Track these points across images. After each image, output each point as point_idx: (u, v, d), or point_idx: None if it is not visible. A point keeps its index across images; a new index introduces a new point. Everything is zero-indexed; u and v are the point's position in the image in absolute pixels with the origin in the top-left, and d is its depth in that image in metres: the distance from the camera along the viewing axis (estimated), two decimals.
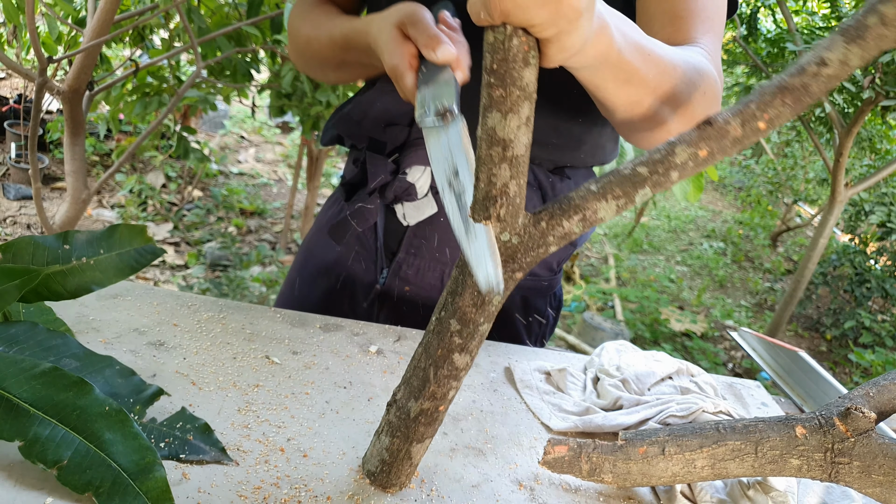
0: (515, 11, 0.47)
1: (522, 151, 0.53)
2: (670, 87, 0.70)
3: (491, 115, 0.51)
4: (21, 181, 4.30)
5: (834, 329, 5.09)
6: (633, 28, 0.66)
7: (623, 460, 0.67)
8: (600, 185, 0.55)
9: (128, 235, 0.70)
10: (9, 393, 0.54)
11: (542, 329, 1.12)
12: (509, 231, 0.56)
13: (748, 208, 8.45)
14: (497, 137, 0.52)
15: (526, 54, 0.50)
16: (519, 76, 0.50)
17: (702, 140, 0.53)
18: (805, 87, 0.51)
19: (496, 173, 0.53)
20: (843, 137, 3.48)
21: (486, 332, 0.61)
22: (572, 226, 0.56)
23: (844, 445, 0.63)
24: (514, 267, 0.57)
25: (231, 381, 0.77)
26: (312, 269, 1.12)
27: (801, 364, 1.06)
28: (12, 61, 1.74)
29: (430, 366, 0.61)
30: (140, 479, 0.52)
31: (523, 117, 0.51)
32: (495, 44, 0.49)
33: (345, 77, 0.98)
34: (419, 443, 0.64)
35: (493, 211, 0.55)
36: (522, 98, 0.51)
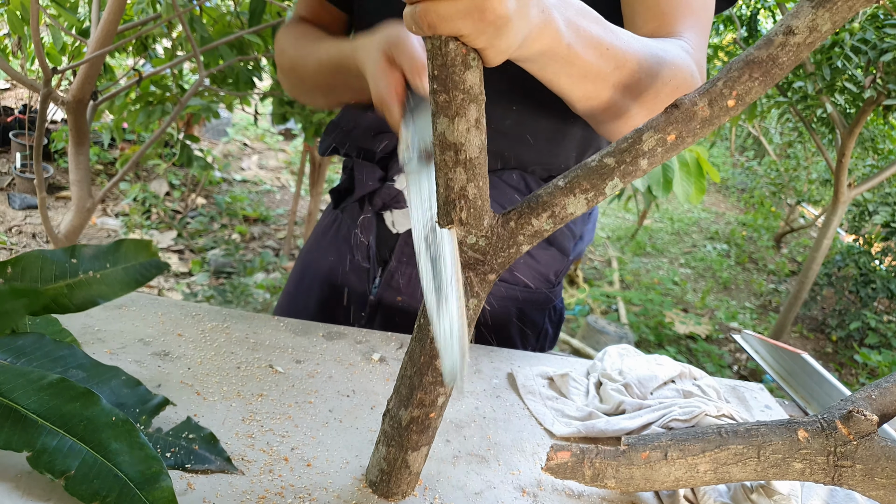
0: (440, 24, 0.48)
1: (476, 154, 0.53)
2: (629, 78, 0.70)
3: (439, 120, 0.51)
4: (26, 190, 4.32)
5: (839, 330, 5.08)
6: (591, 20, 0.66)
7: (626, 465, 0.67)
8: (567, 180, 0.55)
9: (133, 250, 0.71)
10: (17, 404, 0.54)
11: (540, 342, 1.11)
12: (475, 233, 0.56)
13: (751, 210, 8.44)
14: (448, 142, 0.52)
15: (465, 57, 0.49)
16: (461, 80, 0.50)
17: (669, 124, 0.53)
18: (773, 59, 0.50)
19: (452, 177, 0.53)
20: (846, 138, 3.48)
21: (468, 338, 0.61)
22: (542, 223, 0.56)
23: (847, 449, 0.63)
24: (486, 269, 0.57)
25: (235, 391, 0.77)
26: (309, 279, 1.12)
27: (804, 366, 1.06)
28: (17, 72, 1.76)
29: (416, 373, 0.61)
30: (147, 488, 0.53)
31: (471, 120, 0.51)
32: (433, 50, 0.49)
33: (333, 102, 0.98)
34: (414, 451, 0.64)
35: (454, 215, 0.55)
36: (468, 101, 0.50)
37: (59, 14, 2.37)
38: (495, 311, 1.04)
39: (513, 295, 1.03)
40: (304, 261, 1.15)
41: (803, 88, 3.32)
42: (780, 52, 0.50)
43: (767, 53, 0.50)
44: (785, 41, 0.50)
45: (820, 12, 0.48)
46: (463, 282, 0.57)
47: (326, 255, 1.08)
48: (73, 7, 2.38)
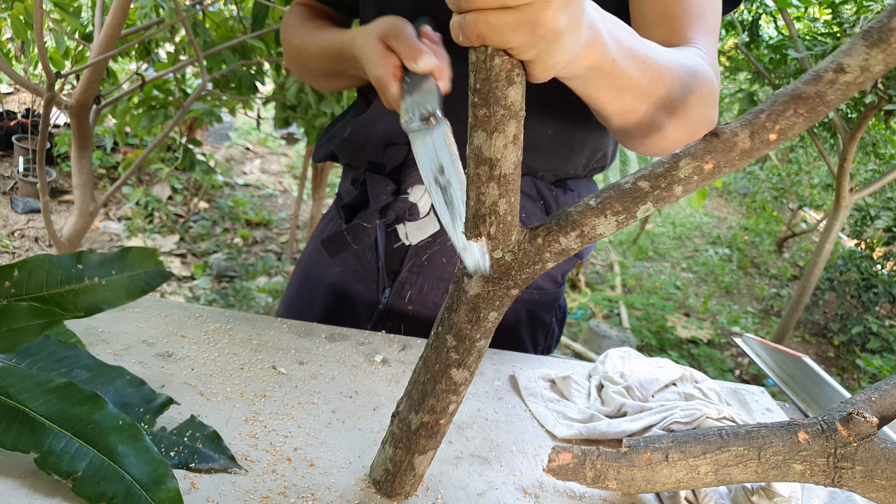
0: (491, 34, 0.47)
1: (511, 170, 0.52)
2: (665, 92, 0.70)
3: (476, 134, 0.51)
4: (29, 194, 4.33)
5: (841, 335, 5.07)
6: (628, 33, 0.65)
7: (627, 467, 0.68)
8: (599, 200, 0.54)
9: (139, 258, 0.72)
10: (25, 406, 0.55)
11: (548, 342, 1.12)
12: (502, 248, 0.55)
13: (753, 214, 8.44)
14: (483, 157, 0.51)
15: (509, 73, 0.49)
16: (503, 95, 0.49)
17: (707, 153, 0.52)
18: (820, 96, 0.48)
19: (484, 192, 0.53)
20: (847, 142, 3.48)
21: (483, 348, 0.60)
22: (570, 242, 0.55)
23: (847, 450, 0.64)
24: (509, 284, 0.57)
25: (238, 392, 0.78)
26: (311, 288, 1.11)
27: (805, 370, 1.06)
28: (21, 76, 1.76)
29: (429, 380, 0.61)
30: (153, 490, 0.53)
31: (510, 136, 0.50)
32: (477, 63, 0.49)
33: (336, 86, 1.00)
34: (421, 454, 0.64)
35: (483, 229, 0.54)
36: (507, 117, 0.50)
37: (62, 18, 2.38)
38: (508, 313, 1.04)
39: (525, 297, 1.04)
40: (305, 268, 1.14)
41: None
42: (829, 89, 0.48)
43: (815, 90, 0.49)
44: (835, 79, 0.48)
45: (874, 52, 0.47)
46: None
47: (331, 265, 1.08)
48: (76, 11, 2.40)
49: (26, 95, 5.75)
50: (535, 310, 1.07)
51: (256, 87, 2.69)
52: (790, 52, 3.16)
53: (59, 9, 2.30)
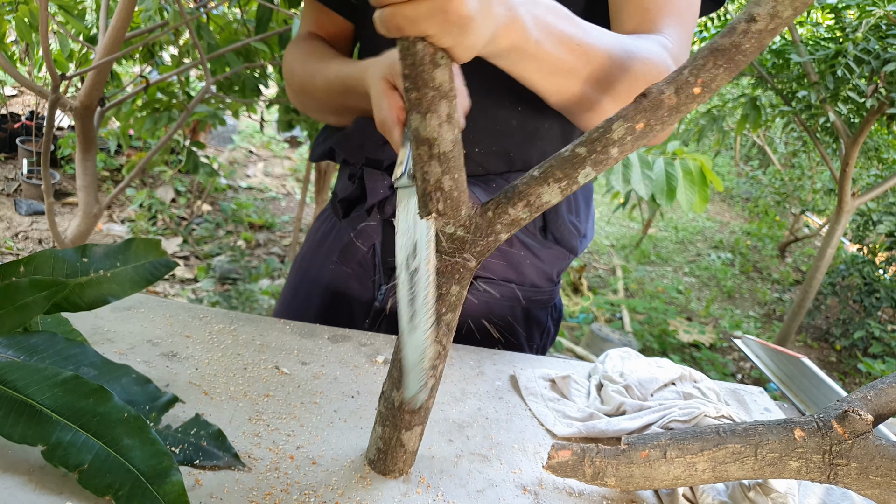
0: (406, 25, 0.50)
1: (449, 147, 0.55)
2: (599, 72, 0.73)
3: (412, 116, 0.54)
4: (33, 196, 4.35)
5: (843, 339, 5.07)
6: (558, 17, 0.69)
7: (626, 464, 0.69)
8: (542, 170, 0.58)
9: (143, 249, 0.73)
10: (32, 399, 0.56)
11: (544, 340, 1.13)
12: (453, 223, 0.59)
13: (756, 219, 8.44)
14: (421, 137, 0.55)
15: (433, 56, 0.52)
16: (430, 77, 0.52)
17: (638, 113, 0.55)
18: (736, 46, 0.52)
19: (428, 171, 0.56)
20: (849, 147, 3.48)
21: (451, 322, 0.63)
22: (518, 212, 0.58)
23: (842, 447, 0.64)
24: (465, 257, 0.60)
25: (242, 391, 0.78)
26: (307, 287, 1.12)
27: (804, 370, 1.07)
28: (26, 78, 1.78)
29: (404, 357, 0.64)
30: (157, 483, 0.54)
31: (443, 115, 0.53)
32: (402, 51, 0.52)
33: (343, 121, 1.00)
34: (408, 430, 0.67)
35: (431, 206, 0.57)
36: (438, 97, 0.53)
37: (66, 21, 2.40)
38: (503, 311, 1.05)
39: (520, 295, 1.05)
40: (301, 268, 1.15)
41: (807, 98, 3.33)
42: (743, 39, 0.52)
43: (731, 41, 0.52)
44: (747, 28, 0.51)
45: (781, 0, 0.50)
46: (434, 304, 0.60)
47: (326, 263, 1.09)
48: (80, 14, 2.41)
49: (30, 98, 5.77)
50: (531, 307, 1.08)
51: (260, 89, 2.71)
52: (793, 56, 3.17)
53: (64, 11, 2.32)
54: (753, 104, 3.81)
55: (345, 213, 1.06)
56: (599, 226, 7.23)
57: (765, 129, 7.40)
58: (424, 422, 0.68)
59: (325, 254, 1.10)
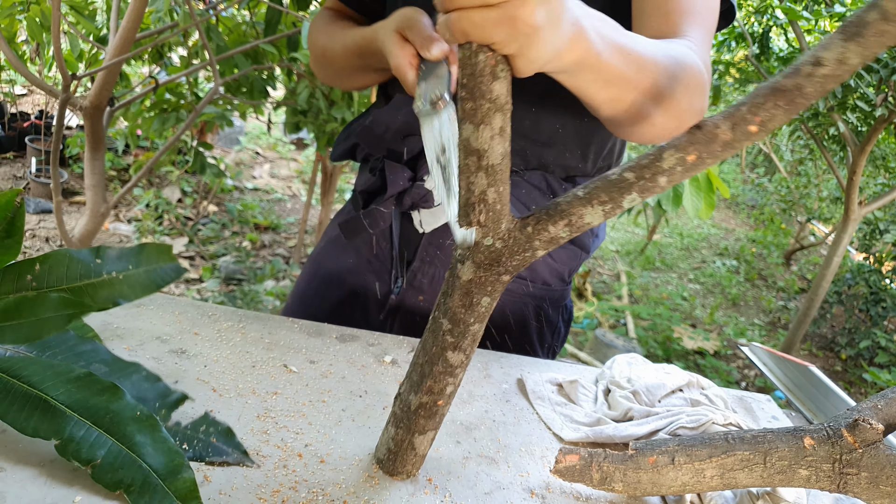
0: (474, 31, 0.50)
1: (498, 160, 0.55)
2: (651, 82, 0.72)
3: (465, 126, 0.54)
4: (41, 195, 4.36)
5: (849, 348, 5.05)
6: (612, 27, 0.68)
7: (633, 469, 0.69)
8: (587, 191, 0.57)
9: (155, 254, 0.73)
10: (46, 394, 0.56)
11: (554, 341, 1.13)
12: (492, 236, 0.58)
13: (761, 226, 8.42)
14: (471, 148, 0.54)
15: (493, 68, 0.51)
16: (488, 89, 0.52)
17: (690, 145, 0.54)
18: (799, 89, 0.50)
19: (474, 181, 0.56)
20: (857, 156, 3.48)
21: (477, 332, 0.63)
22: (558, 230, 0.57)
23: (852, 456, 0.64)
24: (500, 270, 0.59)
25: (250, 389, 0.79)
26: (322, 280, 1.13)
27: (811, 379, 1.07)
28: (37, 78, 1.79)
29: (427, 362, 0.64)
30: (169, 479, 0.55)
31: (496, 128, 0.53)
32: (463, 59, 0.51)
33: (361, 83, 1.02)
34: (421, 434, 0.67)
35: (473, 217, 0.57)
36: (493, 110, 0.52)
37: (77, 21, 2.41)
38: (517, 308, 1.06)
39: (532, 292, 1.06)
40: (317, 262, 1.16)
41: (815, 106, 3.32)
42: (807, 82, 0.50)
43: (794, 83, 0.50)
44: (812, 72, 0.49)
45: (850, 45, 0.48)
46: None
47: (344, 257, 1.09)
48: (91, 15, 2.43)
49: (39, 97, 5.80)
50: (543, 306, 1.09)
51: (268, 91, 2.72)
52: None
53: (75, 12, 2.33)
54: None
55: (364, 204, 1.06)
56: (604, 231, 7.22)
57: (771, 137, 7.38)
58: (438, 427, 0.68)
59: (342, 248, 1.11)
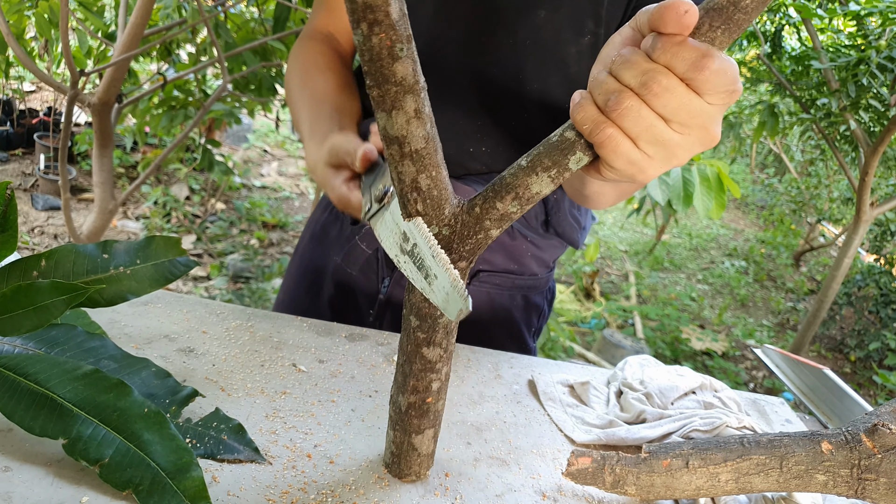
0: (649, 119, 0.48)
1: (422, 145, 0.51)
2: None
3: (378, 115, 0.51)
4: (49, 192, 4.37)
5: (858, 350, 5.01)
6: None
7: (647, 473, 0.67)
8: (529, 159, 0.54)
9: (163, 247, 0.72)
10: (53, 393, 0.56)
11: (540, 322, 1.15)
12: (436, 223, 0.55)
13: (771, 227, 8.37)
14: (390, 136, 0.51)
15: (390, 49, 0.47)
16: (391, 73, 0.48)
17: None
18: (734, 4, 0.45)
19: (402, 171, 0.53)
20: (869, 156, 3.44)
21: (449, 324, 0.61)
22: (507, 206, 0.54)
23: (871, 462, 0.63)
24: (454, 258, 0.57)
25: (259, 388, 0.78)
26: (312, 279, 1.13)
27: (825, 382, 1.05)
28: (45, 74, 1.79)
29: (406, 362, 0.63)
30: (178, 478, 0.54)
31: (410, 111, 0.50)
32: (358, 45, 0.47)
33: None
34: (418, 434, 0.66)
35: (410, 207, 0.55)
36: (402, 93, 0.49)
37: (85, 18, 2.41)
38: (504, 300, 1.07)
39: (520, 284, 1.07)
40: (304, 257, 1.16)
41: (827, 105, 3.30)
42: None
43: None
44: None
45: None
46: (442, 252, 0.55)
47: (330, 253, 1.09)
48: (99, 11, 2.43)
49: (48, 93, 5.81)
50: (530, 294, 1.10)
51: (276, 89, 2.71)
52: (813, 63, 3.14)
53: (83, 8, 2.33)
54: (771, 111, 3.78)
55: (353, 219, 1.06)
56: (613, 231, 7.20)
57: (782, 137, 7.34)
58: (436, 425, 0.67)
59: (328, 246, 1.11)
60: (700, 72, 0.45)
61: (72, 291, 0.59)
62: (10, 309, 0.58)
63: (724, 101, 0.47)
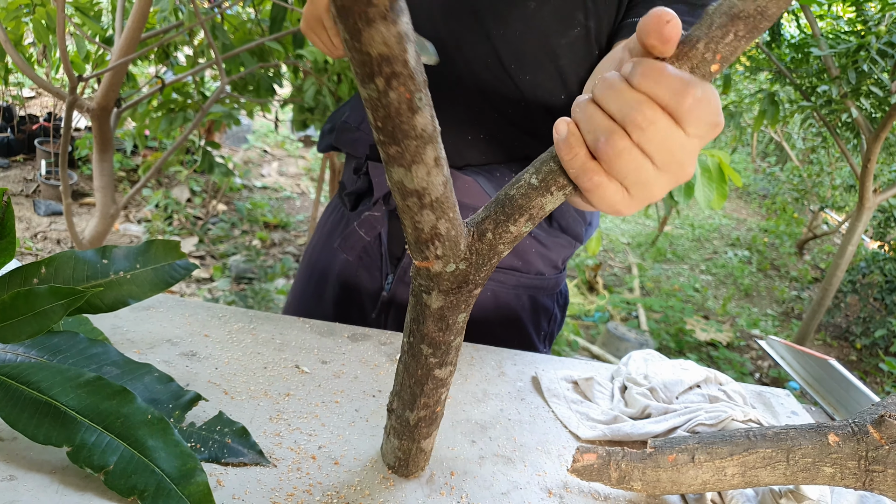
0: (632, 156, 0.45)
1: (441, 192, 0.48)
2: None
3: (394, 170, 0.47)
4: (51, 197, 4.38)
5: (864, 338, 5.00)
6: None
7: (652, 468, 0.67)
8: (541, 178, 0.51)
9: (163, 251, 0.72)
10: (56, 401, 0.56)
11: (551, 327, 1.13)
12: (454, 261, 0.53)
13: (773, 216, 8.36)
14: (408, 190, 0.47)
15: (410, 102, 0.42)
16: (410, 127, 0.43)
17: None
18: (762, 12, 0.42)
19: (420, 220, 0.49)
20: (871, 143, 3.43)
21: (460, 343, 0.60)
22: (520, 228, 0.52)
23: (878, 453, 0.63)
24: (469, 287, 0.55)
25: (262, 390, 0.78)
26: (318, 279, 1.13)
27: (831, 372, 1.05)
28: (44, 80, 1.79)
29: (415, 384, 0.62)
30: (183, 483, 0.54)
31: (429, 162, 0.46)
32: (371, 101, 0.43)
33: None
34: (426, 439, 0.66)
35: (429, 254, 0.52)
36: (422, 145, 0.44)
37: (83, 22, 2.41)
38: (509, 299, 1.06)
39: (525, 283, 1.06)
40: (311, 259, 1.17)
41: (828, 93, 3.28)
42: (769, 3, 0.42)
43: (755, 6, 0.42)
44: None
45: None
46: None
47: (336, 254, 1.10)
48: (96, 16, 2.42)
49: (48, 99, 5.82)
50: (537, 295, 1.08)
51: (274, 89, 2.71)
52: (813, 50, 3.13)
53: (80, 13, 2.33)
54: (772, 100, 3.76)
55: (353, 206, 1.07)
56: (615, 223, 7.19)
57: (783, 125, 7.32)
58: (439, 425, 0.68)
59: (333, 240, 1.11)
60: (684, 99, 0.43)
61: (70, 296, 0.58)
62: (10, 316, 0.58)
63: (705, 133, 0.45)
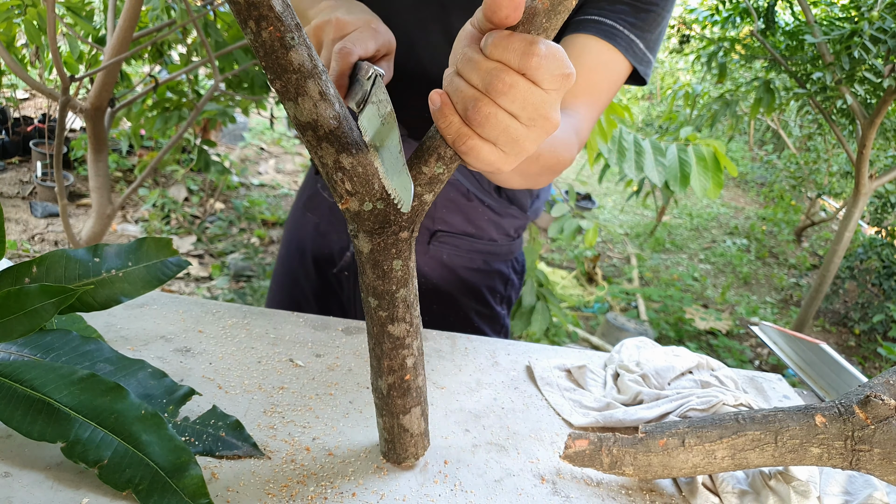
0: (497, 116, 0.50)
1: (334, 125, 0.53)
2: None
3: (287, 106, 0.52)
4: (47, 199, 4.38)
5: (862, 323, 5.01)
6: None
7: (643, 453, 0.68)
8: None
9: (154, 248, 0.73)
10: (49, 398, 0.56)
11: (508, 291, 1.19)
12: (369, 199, 0.56)
13: (771, 204, 8.36)
14: (302, 123, 0.52)
15: (281, 40, 0.48)
16: (287, 62, 0.49)
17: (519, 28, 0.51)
18: None
19: (322, 154, 0.54)
20: (866, 129, 3.43)
21: (407, 297, 0.61)
22: (432, 168, 0.56)
23: (864, 433, 0.63)
24: (394, 229, 0.58)
25: (256, 384, 0.78)
26: (296, 247, 1.18)
27: (823, 356, 1.05)
28: (37, 81, 1.79)
29: (375, 344, 0.64)
30: (177, 476, 0.55)
31: (314, 94, 0.51)
32: (252, 44, 0.49)
33: None
34: (405, 414, 0.66)
35: (340, 189, 0.55)
36: (302, 79, 0.50)
37: (75, 23, 2.41)
38: (464, 261, 1.12)
39: (479, 248, 1.12)
40: (288, 232, 1.22)
41: (822, 79, 3.28)
42: None
43: None
44: None
45: None
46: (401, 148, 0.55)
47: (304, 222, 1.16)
48: (88, 15, 2.42)
49: (42, 101, 5.81)
50: (490, 259, 1.14)
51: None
52: (807, 37, 3.13)
53: (72, 13, 2.33)
54: (767, 87, 3.76)
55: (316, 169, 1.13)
56: (613, 214, 7.19)
57: (779, 113, 7.32)
58: (421, 403, 0.67)
59: (301, 214, 1.18)
60: (531, 58, 0.47)
61: (60, 294, 0.59)
62: (2, 315, 0.59)
63: (559, 85, 0.50)
